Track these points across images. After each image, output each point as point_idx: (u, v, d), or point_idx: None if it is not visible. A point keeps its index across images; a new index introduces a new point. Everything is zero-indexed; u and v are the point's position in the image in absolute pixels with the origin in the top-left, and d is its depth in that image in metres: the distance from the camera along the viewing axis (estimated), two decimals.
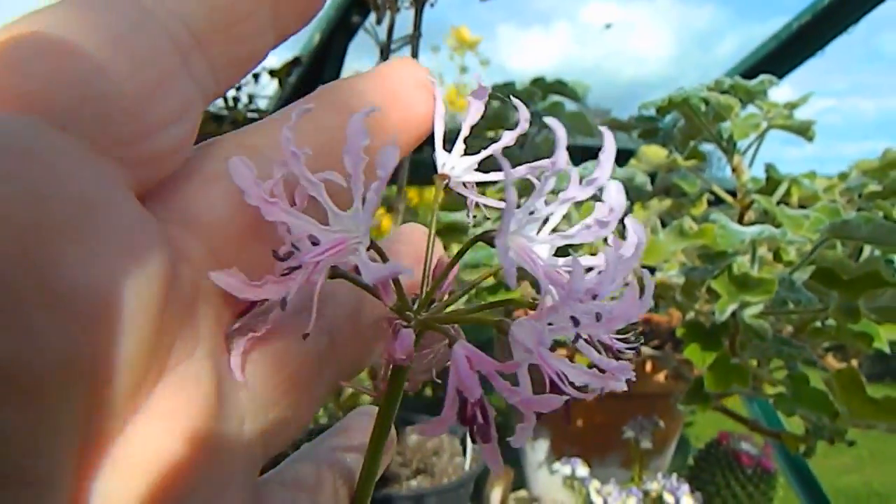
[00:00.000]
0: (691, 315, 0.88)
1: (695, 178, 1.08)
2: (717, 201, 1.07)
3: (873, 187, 0.92)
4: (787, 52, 1.35)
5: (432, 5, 0.90)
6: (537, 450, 1.19)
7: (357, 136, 0.17)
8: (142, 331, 0.15)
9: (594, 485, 0.97)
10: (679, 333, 0.83)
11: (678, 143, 0.90)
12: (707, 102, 0.80)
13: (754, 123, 0.89)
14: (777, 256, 0.89)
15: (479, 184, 0.23)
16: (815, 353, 0.79)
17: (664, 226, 0.91)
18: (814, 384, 0.76)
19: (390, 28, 0.91)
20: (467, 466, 1.01)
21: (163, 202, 0.17)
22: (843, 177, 0.98)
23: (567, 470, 1.01)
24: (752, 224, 0.82)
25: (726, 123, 0.86)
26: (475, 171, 0.22)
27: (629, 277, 0.17)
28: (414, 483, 0.98)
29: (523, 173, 0.21)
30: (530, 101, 1.17)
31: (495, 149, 0.20)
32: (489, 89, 0.22)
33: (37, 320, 0.13)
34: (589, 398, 0.17)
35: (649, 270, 0.83)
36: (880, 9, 1.22)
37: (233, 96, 1.44)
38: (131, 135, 0.16)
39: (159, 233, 0.16)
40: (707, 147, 0.98)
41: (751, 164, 0.95)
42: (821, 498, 1.14)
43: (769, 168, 0.95)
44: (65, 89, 0.15)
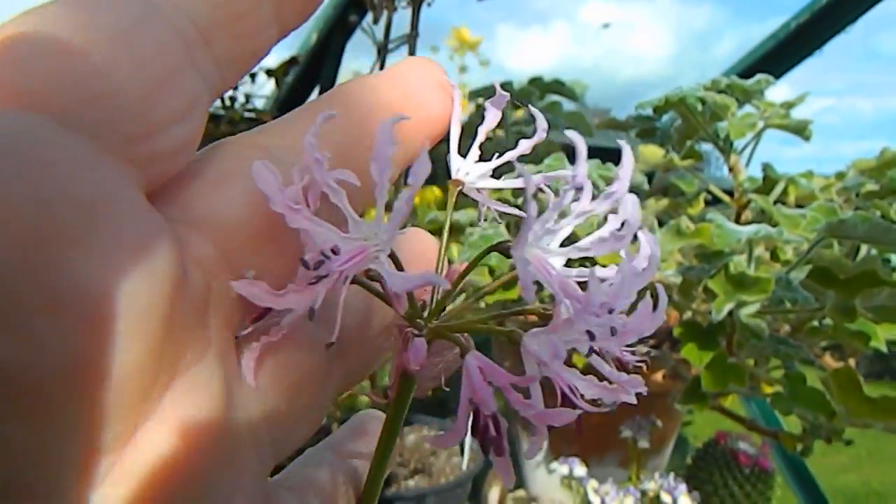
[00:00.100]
0: (688, 314, 0.88)
1: (692, 177, 1.08)
2: (714, 201, 1.07)
3: (870, 187, 0.92)
4: (785, 52, 1.35)
5: (430, 5, 0.90)
6: None
7: (385, 143, 0.17)
8: (149, 335, 0.14)
9: (592, 484, 0.97)
10: (676, 333, 0.83)
11: (675, 142, 0.89)
12: (704, 102, 0.80)
13: (751, 123, 0.89)
14: (774, 256, 0.89)
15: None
16: (812, 353, 0.79)
17: (661, 225, 0.91)
18: (811, 383, 0.76)
19: (387, 27, 0.91)
20: (465, 466, 1.01)
21: (171, 202, 0.17)
22: (840, 176, 0.98)
23: (565, 469, 1.01)
24: (748, 223, 0.82)
25: (723, 123, 0.86)
26: (489, 178, 0.22)
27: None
28: (412, 483, 0.98)
29: (539, 182, 0.20)
30: (528, 101, 1.17)
31: (512, 156, 0.20)
32: (507, 96, 0.21)
33: (37, 325, 0.13)
34: (602, 411, 0.17)
35: None
36: (878, 8, 1.22)
37: (229, 96, 1.43)
38: (138, 132, 0.15)
39: (169, 233, 0.15)
40: (704, 147, 0.98)
41: (748, 164, 0.96)
42: (819, 497, 1.15)
43: (766, 167, 0.95)
44: (68, 87, 0.14)
